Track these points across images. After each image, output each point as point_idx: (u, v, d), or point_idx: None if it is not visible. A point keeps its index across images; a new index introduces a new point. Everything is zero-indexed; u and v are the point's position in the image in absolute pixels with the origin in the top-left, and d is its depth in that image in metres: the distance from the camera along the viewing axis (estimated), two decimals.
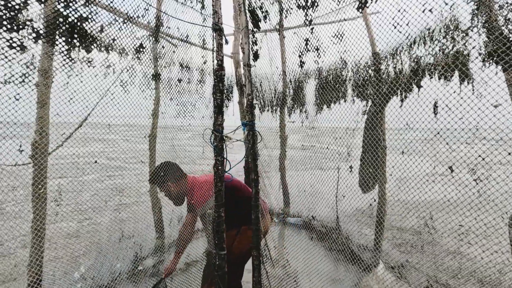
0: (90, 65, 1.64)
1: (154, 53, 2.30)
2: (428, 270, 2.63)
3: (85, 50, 1.56)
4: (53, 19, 1.39)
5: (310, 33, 2.28)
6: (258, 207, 1.80)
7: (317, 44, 2.31)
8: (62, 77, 1.64)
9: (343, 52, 2.33)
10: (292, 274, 2.35)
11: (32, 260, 2.17)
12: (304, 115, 3.61)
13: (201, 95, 2.92)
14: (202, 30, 2.61)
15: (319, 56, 2.38)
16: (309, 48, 2.35)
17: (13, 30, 1.27)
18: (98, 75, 1.74)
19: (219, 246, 1.79)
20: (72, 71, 1.59)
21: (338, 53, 2.29)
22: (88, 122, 2.27)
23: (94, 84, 1.76)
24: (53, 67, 1.56)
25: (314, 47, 2.33)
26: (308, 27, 2.29)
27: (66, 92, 1.68)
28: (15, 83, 1.44)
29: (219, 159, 1.72)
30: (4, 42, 1.26)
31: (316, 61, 2.46)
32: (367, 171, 3.08)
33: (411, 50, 2.35)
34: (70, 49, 1.50)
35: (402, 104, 2.49)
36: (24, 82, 1.51)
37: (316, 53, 2.35)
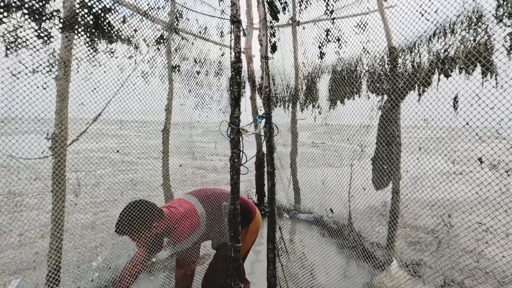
0: (113, 55, 1.67)
1: (174, 45, 2.32)
2: (444, 269, 2.57)
3: (108, 40, 1.59)
4: (79, 10, 1.42)
5: (332, 24, 2.24)
6: (274, 200, 1.80)
7: (338, 35, 2.26)
8: (85, 68, 1.67)
9: (366, 42, 2.28)
10: (308, 267, 2.34)
11: (52, 249, 2.23)
12: (317, 110, 3.57)
13: (218, 87, 2.92)
14: (220, 22, 2.61)
15: (340, 47, 2.34)
16: (329, 39, 2.31)
17: (41, 21, 1.30)
18: (120, 65, 1.77)
19: (235, 238, 1.80)
20: (96, 61, 1.62)
21: (361, 43, 2.24)
22: (101, 118, 2.30)
23: (115, 75, 1.78)
24: (78, 58, 1.59)
25: (335, 38, 2.29)
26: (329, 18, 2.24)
27: (90, 83, 1.71)
28: (42, 72, 1.47)
29: (236, 152, 1.73)
30: (33, 32, 1.30)
31: (337, 51, 2.41)
32: (381, 168, 3.03)
33: (431, 43, 2.29)
34: (95, 40, 1.53)
35: (420, 98, 2.44)
36: (51, 71, 1.54)
37: (337, 43, 2.31)
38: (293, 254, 2.68)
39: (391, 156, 2.89)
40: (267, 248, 1.84)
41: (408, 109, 2.63)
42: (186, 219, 1.96)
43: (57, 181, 2.25)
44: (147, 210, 1.87)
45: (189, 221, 1.97)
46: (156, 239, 1.93)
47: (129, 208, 1.87)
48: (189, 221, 1.97)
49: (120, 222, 1.83)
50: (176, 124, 2.96)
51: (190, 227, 1.96)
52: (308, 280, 2.14)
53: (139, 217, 1.84)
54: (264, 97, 1.73)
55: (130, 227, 1.83)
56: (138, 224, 1.83)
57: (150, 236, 1.89)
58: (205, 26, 2.49)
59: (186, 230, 1.94)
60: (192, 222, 1.97)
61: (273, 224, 1.81)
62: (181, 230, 1.93)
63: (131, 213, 1.84)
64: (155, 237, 1.91)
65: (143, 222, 1.84)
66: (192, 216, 1.99)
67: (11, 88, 1.38)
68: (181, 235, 1.93)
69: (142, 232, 1.86)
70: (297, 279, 2.14)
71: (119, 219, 1.85)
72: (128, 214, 1.84)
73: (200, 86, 2.71)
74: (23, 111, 1.54)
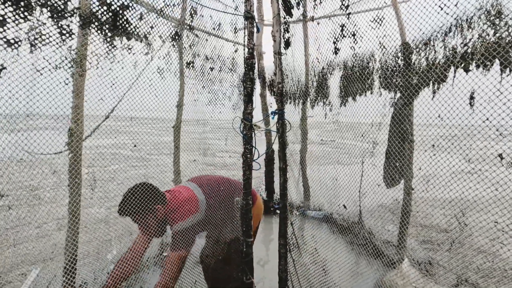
0: (130, 52, 1.71)
1: (188, 41, 2.34)
2: (457, 269, 2.54)
3: (126, 37, 1.62)
4: (98, 7, 1.46)
5: (347, 19, 2.21)
6: (285, 195, 1.80)
7: (353, 30, 2.24)
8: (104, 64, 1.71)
9: (382, 37, 2.25)
10: (320, 263, 2.34)
11: (68, 242, 2.30)
12: (328, 107, 3.54)
13: (230, 84, 2.94)
14: (233, 19, 2.62)
15: (355, 42, 2.32)
16: (344, 34, 2.28)
17: (64, 17, 1.34)
18: (137, 62, 1.80)
19: (246, 233, 1.82)
20: (114, 57, 1.65)
21: (377, 38, 2.21)
22: (114, 115, 2.34)
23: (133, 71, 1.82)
24: (98, 54, 1.63)
25: (351, 33, 2.26)
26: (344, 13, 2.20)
27: (108, 79, 1.75)
28: (64, 68, 1.52)
29: (248, 148, 1.74)
30: (56, 29, 1.34)
31: (352, 47, 2.39)
32: (393, 166, 2.99)
33: (447, 38, 2.24)
34: (113, 36, 1.56)
35: (434, 95, 2.39)
36: (72, 67, 1.59)
37: (352, 38, 2.29)
38: (305, 250, 2.69)
39: (403, 154, 2.86)
40: (279, 243, 1.85)
41: (421, 106, 2.59)
42: (185, 204, 1.97)
43: (73, 175, 2.31)
44: (151, 192, 1.88)
45: (187, 206, 1.97)
46: (158, 223, 1.92)
47: (133, 190, 1.86)
48: (187, 206, 1.97)
49: (123, 203, 1.83)
50: (188, 121, 3.00)
51: (187, 211, 1.96)
52: (320, 276, 2.15)
53: (143, 199, 1.84)
54: (277, 93, 1.73)
55: (133, 209, 1.82)
56: (141, 206, 1.83)
57: (152, 219, 1.89)
58: (219, 22, 2.51)
59: (183, 213, 1.94)
60: (190, 207, 1.97)
61: (285, 220, 1.82)
62: (178, 214, 1.93)
63: (135, 195, 1.84)
64: (157, 220, 1.91)
65: (146, 204, 1.84)
66: (191, 202, 2.00)
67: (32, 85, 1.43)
68: (177, 217, 1.92)
69: (144, 214, 1.86)
70: (308, 275, 2.15)
71: (122, 199, 1.85)
72: (132, 195, 1.84)
73: (212, 83, 2.73)
74: (42, 107, 1.58)
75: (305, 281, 2.04)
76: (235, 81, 3.04)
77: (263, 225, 4.22)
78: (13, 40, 1.19)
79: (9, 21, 1.16)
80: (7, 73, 1.22)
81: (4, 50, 1.18)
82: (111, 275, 1.87)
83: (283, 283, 1.85)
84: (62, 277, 2.14)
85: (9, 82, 1.27)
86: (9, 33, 1.17)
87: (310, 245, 2.79)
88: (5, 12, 1.15)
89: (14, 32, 1.18)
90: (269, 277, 2.63)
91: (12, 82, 1.28)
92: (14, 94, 1.32)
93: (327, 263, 2.44)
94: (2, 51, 1.17)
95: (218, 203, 2.11)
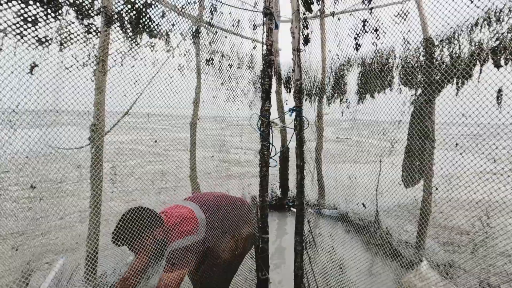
0: (153, 49, 1.74)
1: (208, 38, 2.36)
2: (479, 272, 2.44)
3: (148, 35, 1.66)
4: (123, 5, 1.50)
5: (369, 14, 2.16)
6: (302, 193, 1.79)
7: (376, 25, 2.17)
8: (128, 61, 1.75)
9: (406, 32, 2.17)
10: (337, 261, 2.31)
11: (90, 233, 2.38)
12: (345, 105, 3.48)
13: (249, 80, 2.94)
14: (252, 16, 2.62)
15: (378, 37, 2.25)
16: (366, 30, 2.22)
17: (90, 16, 1.39)
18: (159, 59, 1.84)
19: (263, 230, 1.83)
20: (138, 55, 1.70)
21: (401, 33, 2.14)
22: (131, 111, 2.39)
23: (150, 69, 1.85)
24: (122, 51, 1.68)
25: (373, 28, 2.20)
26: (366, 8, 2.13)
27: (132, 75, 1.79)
28: (91, 65, 1.57)
29: (265, 145, 1.74)
30: (83, 28, 1.39)
31: (374, 42, 2.33)
32: (412, 165, 2.91)
33: (473, 32, 2.14)
34: (137, 34, 1.60)
35: (458, 92, 2.30)
36: (99, 64, 1.64)
37: (374, 34, 2.22)
38: (322, 248, 2.66)
39: (424, 153, 2.77)
40: (295, 241, 1.85)
41: (442, 103, 2.49)
42: (183, 224, 1.80)
43: (94, 169, 2.39)
44: (147, 218, 1.69)
45: (185, 226, 1.80)
46: (158, 248, 1.75)
47: (126, 216, 1.68)
48: (185, 226, 1.80)
49: (117, 231, 1.64)
50: (204, 117, 3.03)
51: (185, 230, 1.79)
52: (337, 274, 2.12)
53: (138, 225, 1.65)
54: (295, 90, 1.72)
55: (129, 237, 1.64)
56: (137, 233, 1.65)
57: (152, 245, 1.71)
58: (238, 19, 2.51)
59: (181, 232, 1.78)
60: (189, 227, 1.81)
61: (301, 217, 1.81)
62: (175, 232, 1.78)
63: (129, 222, 1.65)
64: (156, 245, 1.73)
65: (144, 231, 1.66)
66: (189, 220, 1.83)
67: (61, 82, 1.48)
68: (174, 236, 1.77)
69: (143, 241, 1.68)
70: (325, 273, 2.13)
71: (116, 228, 1.66)
72: (127, 222, 1.65)
73: (231, 79, 2.74)
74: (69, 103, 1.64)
75: (321, 278, 2.02)
76: (253, 78, 3.04)
77: (278, 222, 4.22)
78: (44, 39, 1.25)
79: (41, 20, 1.21)
80: (38, 70, 1.28)
81: (36, 48, 1.23)
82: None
83: (298, 280, 1.85)
84: (84, 267, 2.23)
85: (40, 79, 1.32)
86: (41, 32, 1.23)
87: (327, 243, 2.77)
88: (37, 12, 1.20)
89: (45, 31, 1.24)
90: (281, 272, 2.64)
91: (43, 79, 1.33)
92: (44, 91, 1.38)
93: (344, 261, 2.41)
94: (34, 49, 1.23)
95: (219, 223, 1.91)
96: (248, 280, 2.00)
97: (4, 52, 1.13)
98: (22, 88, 1.22)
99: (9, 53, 1.15)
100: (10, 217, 2.03)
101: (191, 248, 1.78)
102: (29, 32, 1.19)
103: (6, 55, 1.14)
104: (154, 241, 1.71)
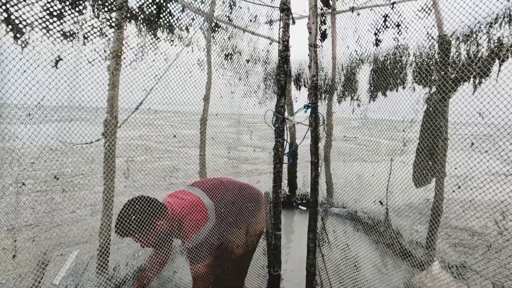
0: (172, 43, 1.75)
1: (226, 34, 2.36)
2: (492, 275, 2.40)
3: (168, 29, 1.66)
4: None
5: (391, 9, 2.12)
6: (317, 190, 1.79)
7: (398, 20, 2.14)
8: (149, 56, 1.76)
9: (431, 27, 2.13)
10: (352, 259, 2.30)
11: (103, 227, 2.42)
12: (356, 103, 3.45)
13: (265, 76, 2.93)
14: (269, 11, 2.62)
15: (399, 33, 2.21)
16: (387, 25, 2.19)
17: (113, 11, 1.40)
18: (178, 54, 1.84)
19: (276, 226, 1.83)
20: (158, 49, 1.70)
21: (425, 28, 2.10)
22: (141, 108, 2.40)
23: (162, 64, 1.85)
24: (143, 46, 1.69)
25: (394, 23, 2.16)
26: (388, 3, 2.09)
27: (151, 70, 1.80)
28: (111, 60, 1.58)
29: (280, 141, 1.74)
30: (105, 22, 1.40)
31: (395, 38, 2.29)
32: (424, 164, 2.87)
33: (492, 30, 2.09)
34: (157, 29, 1.61)
35: (475, 90, 2.25)
36: (120, 59, 1.66)
37: (396, 29, 2.19)
38: (336, 245, 2.65)
39: (436, 152, 2.73)
40: (308, 238, 1.85)
41: (456, 102, 2.45)
42: (192, 213, 1.75)
43: (107, 164, 2.42)
44: (149, 207, 1.65)
45: (196, 215, 1.76)
46: (162, 239, 1.72)
47: (129, 206, 1.64)
48: (196, 215, 1.76)
49: (120, 222, 1.61)
50: (216, 115, 3.03)
51: (198, 220, 1.75)
52: (350, 271, 2.11)
53: (142, 215, 1.61)
54: (311, 86, 1.71)
55: (132, 228, 1.60)
56: (140, 224, 1.61)
57: (154, 236, 1.67)
58: (255, 14, 2.50)
59: (194, 225, 1.74)
60: (199, 216, 1.77)
61: (315, 214, 1.81)
62: (188, 225, 1.73)
63: (132, 211, 1.61)
64: (161, 235, 1.70)
65: (146, 221, 1.62)
66: (198, 208, 1.79)
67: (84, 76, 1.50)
68: (188, 231, 1.72)
69: (145, 233, 1.64)
70: (339, 270, 2.13)
71: (118, 219, 1.62)
72: (129, 212, 1.61)
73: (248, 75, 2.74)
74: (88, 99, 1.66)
75: (334, 275, 2.02)
76: (264, 75, 3.04)
77: (285, 220, 4.22)
78: (68, 33, 1.26)
79: (66, 15, 1.23)
80: (63, 64, 1.29)
81: (61, 42, 1.25)
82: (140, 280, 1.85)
83: (311, 277, 1.85)
84: (97, 259, 2.26)
85: (65, 73, 1.34)
86: (66, 26, 1.24)
87: (341, 241, 2.76)
88: (62, 6, 1.21)
89: (70, 25, 1.25)
90: (291, 268, 2.64)
91: (67, 73, 1.35)
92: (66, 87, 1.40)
93: (356, 259, 2.40)
94: (60, 43, 1.25)
95: (228, 206, 1.89)
96: (260, 276, 2.01)
97: (30, 45, 1.16)
98: (47, 81, 1.24)
99: (35, 47, 1.17)
100: (27, 209, 2.07)
101: (208, 237, 1.77)
102: (54, 26, 1.21)
103: (32, 49, 1.16)
104: (159, 232, 1.68)
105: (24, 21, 1.13)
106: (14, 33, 1.11)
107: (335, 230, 2.89)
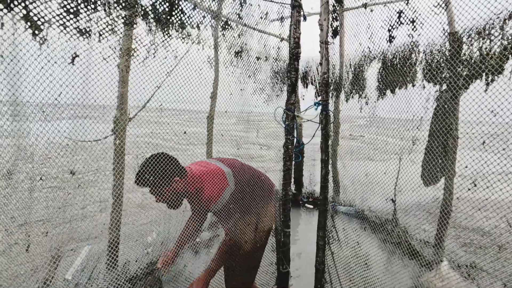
0: (184, 41, 1.76)
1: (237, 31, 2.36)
2: (504, 276, 2.38)
3: (180, 27, 1.67)
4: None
5: (406, 4, 2.10)
6: (326, 187, 1.78)
7: (413, 16, 2.11)
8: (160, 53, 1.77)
9: (446, 24, 2.10)
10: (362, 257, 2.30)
11: (112, 223, 2.45)
12: (364, 100, 3.42)
13: (269, 75, 2.93)
14: (280, 8, 2.61)
15: (414, 29, 2.19)
16: (402, 21, 2.16)
17: (127, 8, 1.41)
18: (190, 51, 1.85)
19: (285, 224, 1.83)
20: (169, 47, 1.72)
21: (441, 24, 2.07)
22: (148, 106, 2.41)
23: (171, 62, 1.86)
24: (155, 44, 1.70)
25: (409, 19, 2.13)
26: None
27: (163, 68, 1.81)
28: (125, 57, 1.60)
29: (290, 138, 1.73)
30: (120, 19, 1.42)
31: (410, 34, 2.26)
32: (433, 163, 2.84)
33: (505, 26, 2.05)
34: (169, 26, 1.62)
35: (488, 88, 2.22)
36: (133, 56, 1.67)
37: (411, 25, 2.16)
38: (346, 242, 2.65)
39: (446, 151, 2.70)
40: (317, 235, 1.84)
41: (467, 100, 2.41)
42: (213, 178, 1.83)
43: (117, 161, 2.44)
44: (168, 163, 1.77)
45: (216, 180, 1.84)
46: (175, 196, 1.81)
47: (151, 159, 1.78)
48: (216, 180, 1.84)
49: (140, 173, 1.74)
50: (224, 112, 3.04)
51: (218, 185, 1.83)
52: (361, 270, 2.11)
53: (160, 169, 1.74)
54: (322, 83, 1.70)
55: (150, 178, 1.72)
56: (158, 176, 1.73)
57: (169, 191, 1.78)
58: (266, 11, 2.50)
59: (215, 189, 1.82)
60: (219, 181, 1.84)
61: (325, 212, 1.81)
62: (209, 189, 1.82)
63: (153, 164, 1.74)
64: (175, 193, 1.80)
65: (164, 174, 1.74)
66: (218, 175, 1.87)
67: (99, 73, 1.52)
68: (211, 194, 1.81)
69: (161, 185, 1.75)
70: (349, 268, 2.13)
71: (139, 168, 1.77)
72: (149, 165, 1.74)
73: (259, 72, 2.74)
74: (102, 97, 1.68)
75: (344, 273, 2.02)
76: (271, 73, 3.03)
77: (291, 217, 4.21)
78: (84, 30, 1.28)
79: (82, 12, 1.25)
80: (79, 61, 1.32)
81: (77, 39, 1.27)
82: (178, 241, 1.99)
83: (320, 274, 1.85)
84: (107, 254, 2.29)
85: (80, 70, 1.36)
86: (82, 23, 1.26)
87: (351, 238, 2.75)
88: (78, 3, 1.23)
89: (86, 22, 1.27)
90: (297, 266, 2.64)
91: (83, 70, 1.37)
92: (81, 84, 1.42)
93: (366, 258, 2.39)
94: (76, 40, 1.27)
95: (244, 184, 1.94)
96: (269, 273, 2.02)
97: (47, 42, 1.18)
98: (64, 78, 1.26)
99: (53, 43, 1.20)
100: (40, 204, 2.11)
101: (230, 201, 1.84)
102: (71, 23, 1.24)
103: (50, 45, 1.19)
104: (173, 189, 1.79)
105: (42, 18, 1.16)
106: (33, 29, 1.14)
107: (345, 228, 2.88)
